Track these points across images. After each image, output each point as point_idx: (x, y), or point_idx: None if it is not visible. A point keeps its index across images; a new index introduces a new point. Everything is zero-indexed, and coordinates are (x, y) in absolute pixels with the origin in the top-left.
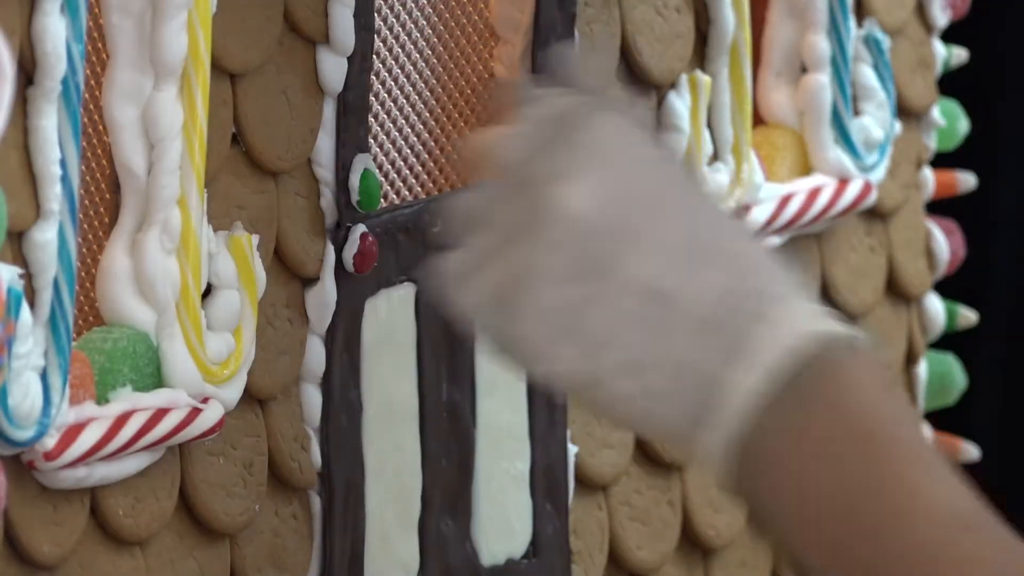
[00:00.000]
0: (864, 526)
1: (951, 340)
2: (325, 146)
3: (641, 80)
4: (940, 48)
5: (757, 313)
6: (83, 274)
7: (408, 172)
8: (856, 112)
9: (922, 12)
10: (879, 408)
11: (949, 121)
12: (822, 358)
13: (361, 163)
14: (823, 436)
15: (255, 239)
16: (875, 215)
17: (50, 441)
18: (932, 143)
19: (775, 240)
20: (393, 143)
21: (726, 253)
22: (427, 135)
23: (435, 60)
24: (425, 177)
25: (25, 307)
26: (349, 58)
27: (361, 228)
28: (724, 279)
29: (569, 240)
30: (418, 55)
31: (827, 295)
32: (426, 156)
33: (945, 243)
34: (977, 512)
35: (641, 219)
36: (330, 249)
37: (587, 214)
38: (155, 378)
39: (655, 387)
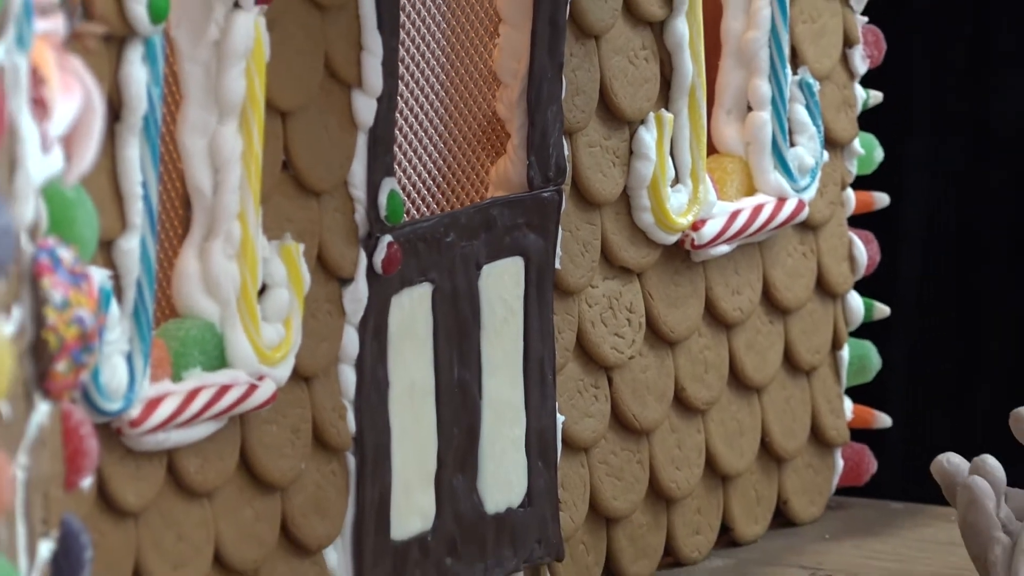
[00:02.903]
0: None
1: (868, 329)
2: (358, 171)
3: (616, 117)
4: (860, 91)
5: None
6: (161, 275)
7: (426, 192)
8: (792, 143)
9: (846, 61)
10: None
11: (867, 150)
12: None
13: (388, 185)
14: None
15: (301, 247)
16: (807, 227)
17: (134, 412)
18: (853, 168)
19: (725, 248)
20: (414, 169)
21: None
22: (442, 162)
23: (448, 100)
24: (440, 196)
25: (114, 302)
26: (378, 99)
27: (388, 238)
28: None
29: None
30: (434, 96)
31: (768, 293)
32: (441, 179)
33: (864, 250)
34: None
35: None
36: (362, 255)
37: None
38: (220, 360)
39: None
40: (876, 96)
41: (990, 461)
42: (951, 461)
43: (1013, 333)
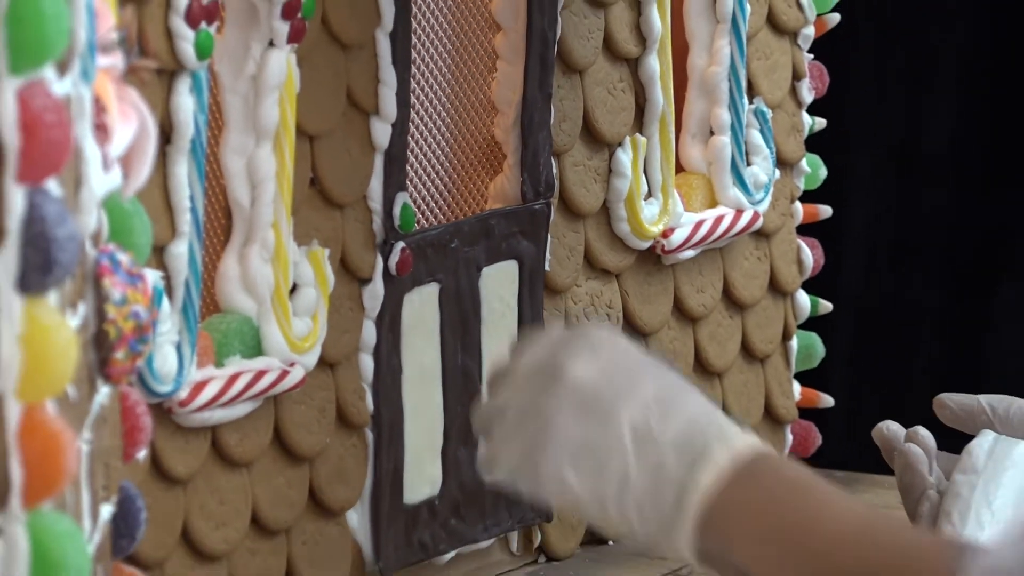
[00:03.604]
0: (799, 533)
1: (814, 322)
2: (375, 186)
3: (597, 140)
4: (807, 118)
5: (708, 440)
6: (206, 276)
7: (434, 205)
8: (748, 163)
9: (794, 92)
10: (795, 473)
11: (813, 169)
12: (755, 458)
13: (401, 199)
14: (765, 494)
15: (326, 252)
16: (761, 235)
17: (183, 393)
18: (801, 184)
19: (691, 253)
20: (423, 184)
21: (683, 404)
22: (447, 179)
23: (453, 126)
24: (445, 208)
25: (165, 300)
26: (392, 125)
27: (401, 244)
28: (685, 421)
29: (578, 398)
30: (441, 122)
31: (728, 292)
32: (446, 193)
33: (810, 254)
34: (865, 512)
35: (626, 382)
36: (379, 259)
37: (588, 380)
38: (257, 349)
39: (642, 494)
40: (820, 122)
41: (922, 431)
42: (890, 428)
43: (937, 327)
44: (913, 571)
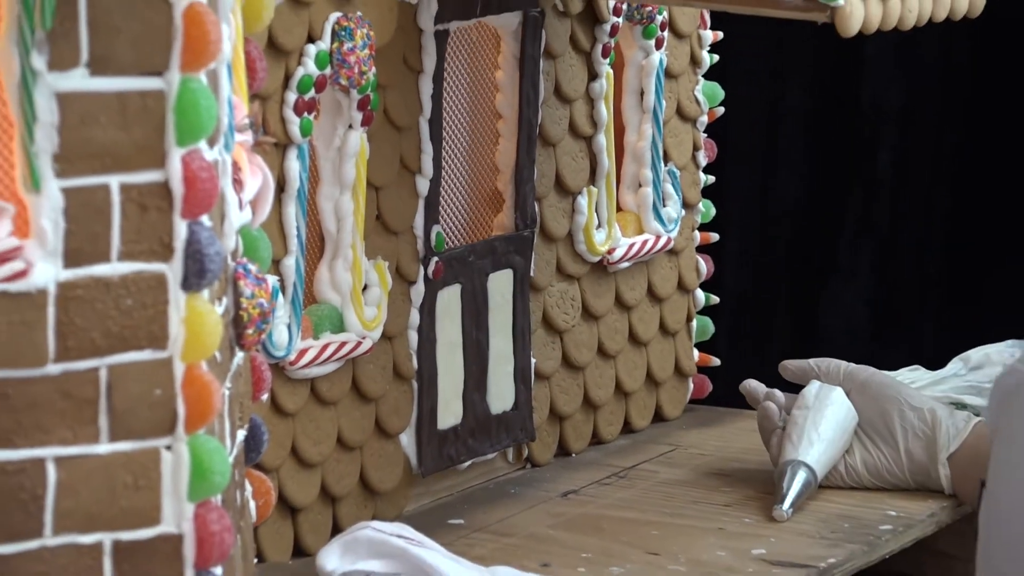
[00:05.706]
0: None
1: (707, 310)
2: (419, 221)
3: (565, 190)
4: (702, 176)
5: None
6: (307, 279)
7: (457, 233)
8: (664, 205)
9: (694, 159)
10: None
11: (706, 209)
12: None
13: (435, 229)
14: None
15: (387, 264)
16: (672, 252)
17: (291, 356)
18: (699, 219)
19: (627, 264)
20: (450, 219)
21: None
22: (466, 216)
23: (469, 181)
24: (464, 235)
25: (280, 295)
26: (430, 180)
27: (435, 258)
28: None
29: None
30: (462, 179)
31: (650, 289)
32: (465, 226)
33: (705, 265)
34: None
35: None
36: (421, 268)
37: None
38: (341, 328)
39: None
40: (711, 179)
41: (776, 392)
42: (751, 384)
43: (786, 313)
44: None
